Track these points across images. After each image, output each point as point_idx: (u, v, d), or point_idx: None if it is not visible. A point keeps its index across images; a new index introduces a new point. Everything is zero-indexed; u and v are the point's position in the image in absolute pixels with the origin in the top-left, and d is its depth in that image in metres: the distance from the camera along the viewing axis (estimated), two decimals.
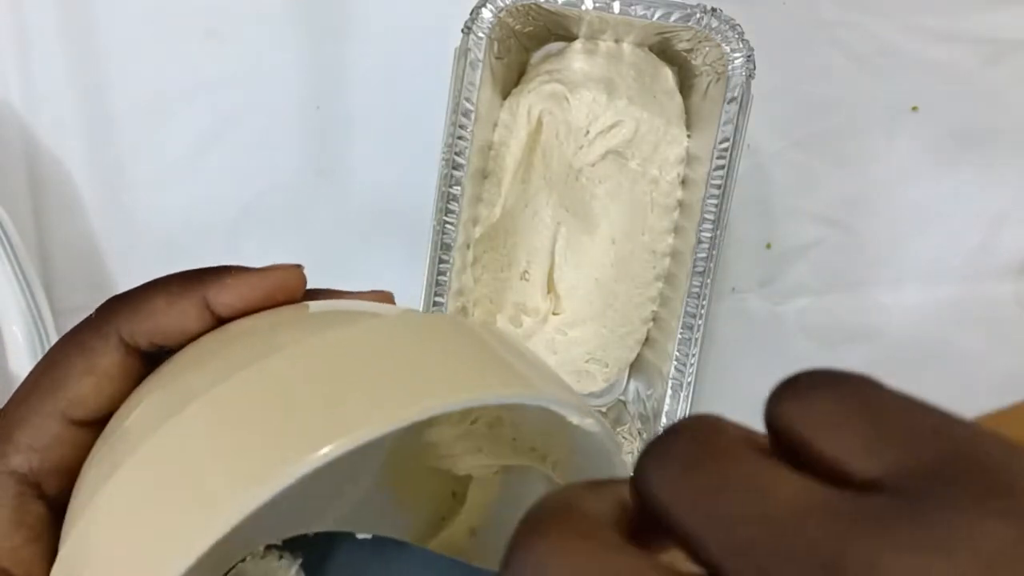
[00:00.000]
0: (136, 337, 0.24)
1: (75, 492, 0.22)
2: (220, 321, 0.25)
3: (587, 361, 0.51)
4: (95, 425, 0.24)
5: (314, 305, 0.26)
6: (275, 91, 0.53)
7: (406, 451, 0.31)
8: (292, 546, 0.27)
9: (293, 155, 0.53)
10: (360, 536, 0.27)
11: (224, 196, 0.53)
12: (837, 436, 0.16)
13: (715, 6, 0.43)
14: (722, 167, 0.43)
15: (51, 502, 0.23)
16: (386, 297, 0.26)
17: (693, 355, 0.45)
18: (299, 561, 0.27)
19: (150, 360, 0.24)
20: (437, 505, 0.32)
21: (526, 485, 0.29)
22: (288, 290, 0.25)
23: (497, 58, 0.46)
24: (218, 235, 0.53)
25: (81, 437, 0.23)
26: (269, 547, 0.27)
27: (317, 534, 0.27)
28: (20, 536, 0.22)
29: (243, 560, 0.27)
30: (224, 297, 0.24)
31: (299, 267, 0.26)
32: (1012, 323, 0.52)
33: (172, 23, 0.52)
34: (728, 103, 0.43)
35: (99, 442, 0.23)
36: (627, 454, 0.47)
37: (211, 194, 0.53)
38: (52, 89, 0.53)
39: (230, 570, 0.27)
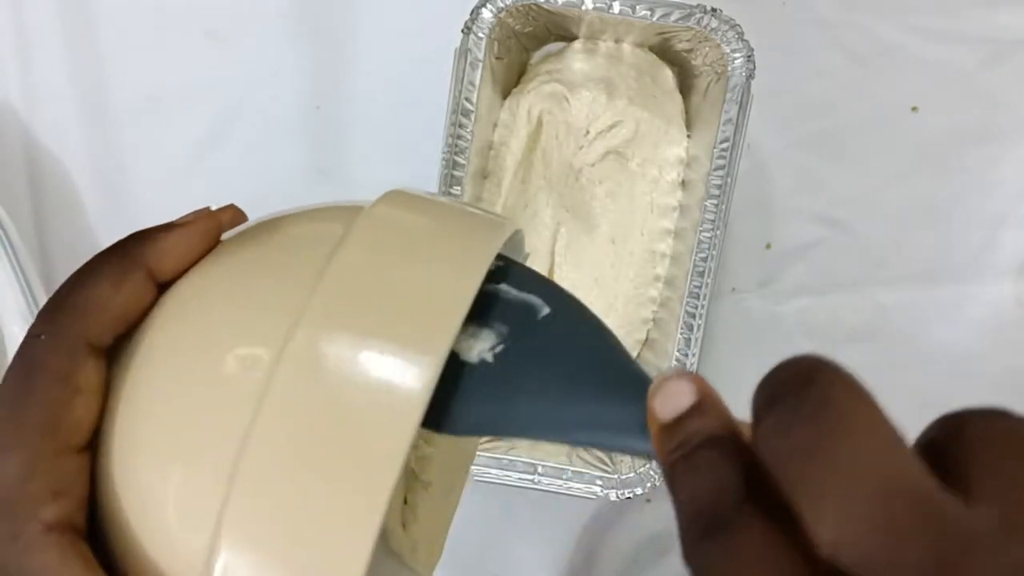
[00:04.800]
0: (101, 338, 0.23)
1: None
2: (162, 286, 0.24)
3: None
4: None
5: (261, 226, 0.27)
6: (275, 91, 0.53)
7: None
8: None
9: (293, 155, 0.53)
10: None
11: (224, 196, 0.53)
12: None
13: (715, 6, 0.43)
14: (722, 167, 0.43)
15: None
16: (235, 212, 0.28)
17: (693, 355, 0.45)
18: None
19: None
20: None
21: None
22: (213, 234, 0.25)
23: (497, 58, 0.46)
24: None
25: (87, 459, 0.23)
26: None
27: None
28: None
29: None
30: (167, 264, 0.24)
31: (208, 209, 0.26)
32: (1012, 323, 0.52)
33: (172, 23, 0.52)
34: (728, 103, 0.43)
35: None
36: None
37: (211, 194, 0.53)
38: (52, 89, 0.53)
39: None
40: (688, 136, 0.48)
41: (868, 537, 0.16)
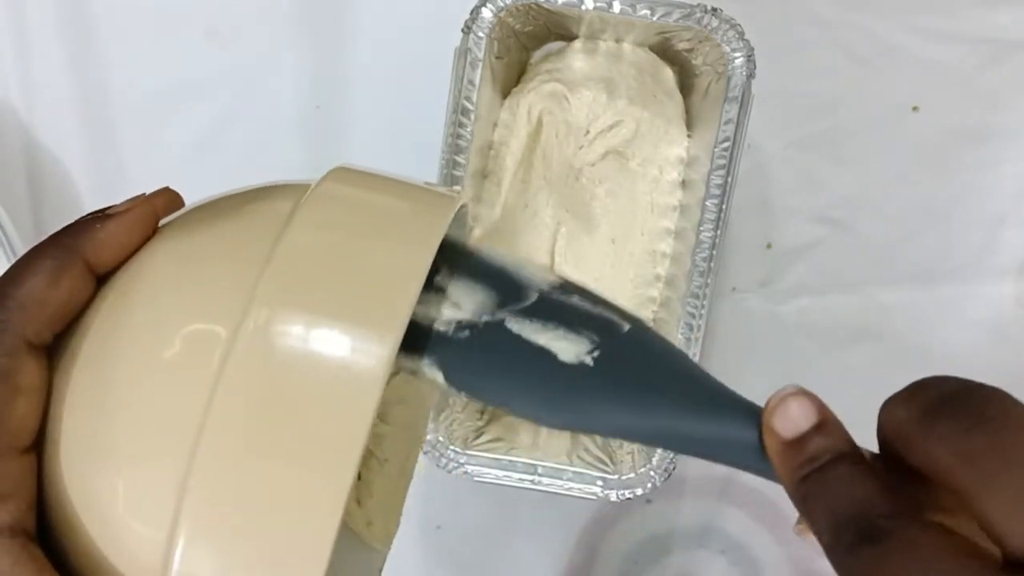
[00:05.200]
0: (41, 336, 0.23)
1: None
2: (102, 278, 0.24)
3: None
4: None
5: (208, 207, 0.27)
6: (275, 91, 0.53)
7: None
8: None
9: (293, 155, 0.53)
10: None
11: None
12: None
13: (715, 6, 0.43)
14: (722, 167, 0.43)
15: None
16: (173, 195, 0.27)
17: (694, 355, 0.45)
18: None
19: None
20: None
21: None
22: (150, 221, 0.25)
23: (497, 58, 0.46)
24: None
25: (32, 460, 0.22)
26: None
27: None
28: None
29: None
30: (105, 255, 0.24)
31: (143, 195, 0.26)
32: (1012, 323, 0.52)
33: (172, 23, 0.52)
34: (728, 103, 0.43)
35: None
36: (627, 453, 0.47)
37: (211, 194, 0.53)
38: (52, 89, 0.53)
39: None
40: (688, 136, 0.48)
41: None
